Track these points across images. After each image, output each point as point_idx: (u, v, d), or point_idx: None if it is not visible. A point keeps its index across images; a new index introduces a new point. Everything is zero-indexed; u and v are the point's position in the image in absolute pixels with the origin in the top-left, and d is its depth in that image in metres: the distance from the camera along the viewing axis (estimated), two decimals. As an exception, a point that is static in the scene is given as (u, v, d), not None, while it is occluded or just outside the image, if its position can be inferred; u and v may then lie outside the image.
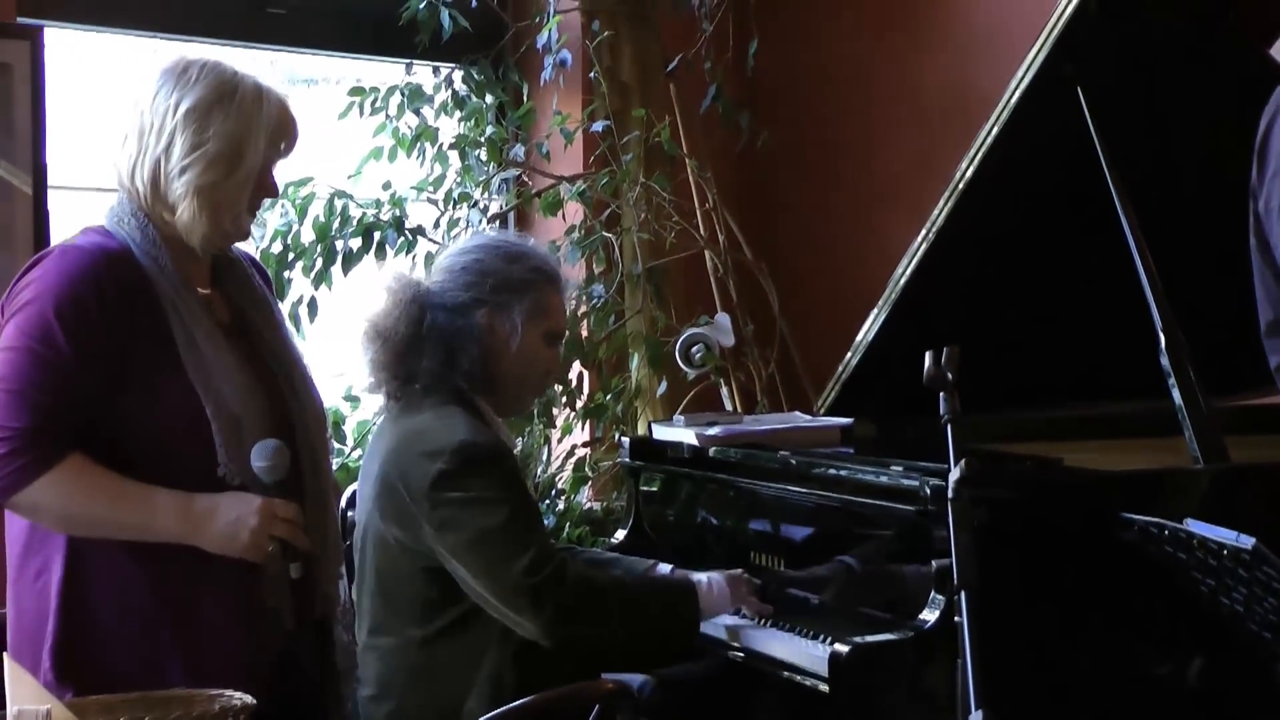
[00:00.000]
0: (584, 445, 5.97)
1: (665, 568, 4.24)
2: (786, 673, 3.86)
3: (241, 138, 3.45)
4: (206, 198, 3.44)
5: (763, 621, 3.99)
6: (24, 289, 3.39)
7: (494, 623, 3.71)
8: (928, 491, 3.72)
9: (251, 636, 3.41)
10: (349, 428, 5.66)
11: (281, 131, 3.51)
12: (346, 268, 5.52)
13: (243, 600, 3.41)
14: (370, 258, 5.54)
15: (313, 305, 5.42)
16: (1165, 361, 3.86)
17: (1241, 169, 3.59)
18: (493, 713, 2.96)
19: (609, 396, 5.85)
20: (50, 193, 4.80)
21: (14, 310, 3.38)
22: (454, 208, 5.84)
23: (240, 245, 3.66)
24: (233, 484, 3.39)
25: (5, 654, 3.01)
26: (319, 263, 5.47)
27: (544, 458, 5.90)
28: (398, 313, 3.90)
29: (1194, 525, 3.22)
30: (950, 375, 3.17)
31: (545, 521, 4.83)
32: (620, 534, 4.87)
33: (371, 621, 3.85)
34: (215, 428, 3.37)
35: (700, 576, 3.95)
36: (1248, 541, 3.04)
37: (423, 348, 3.89)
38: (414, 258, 5.64)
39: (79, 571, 3.37)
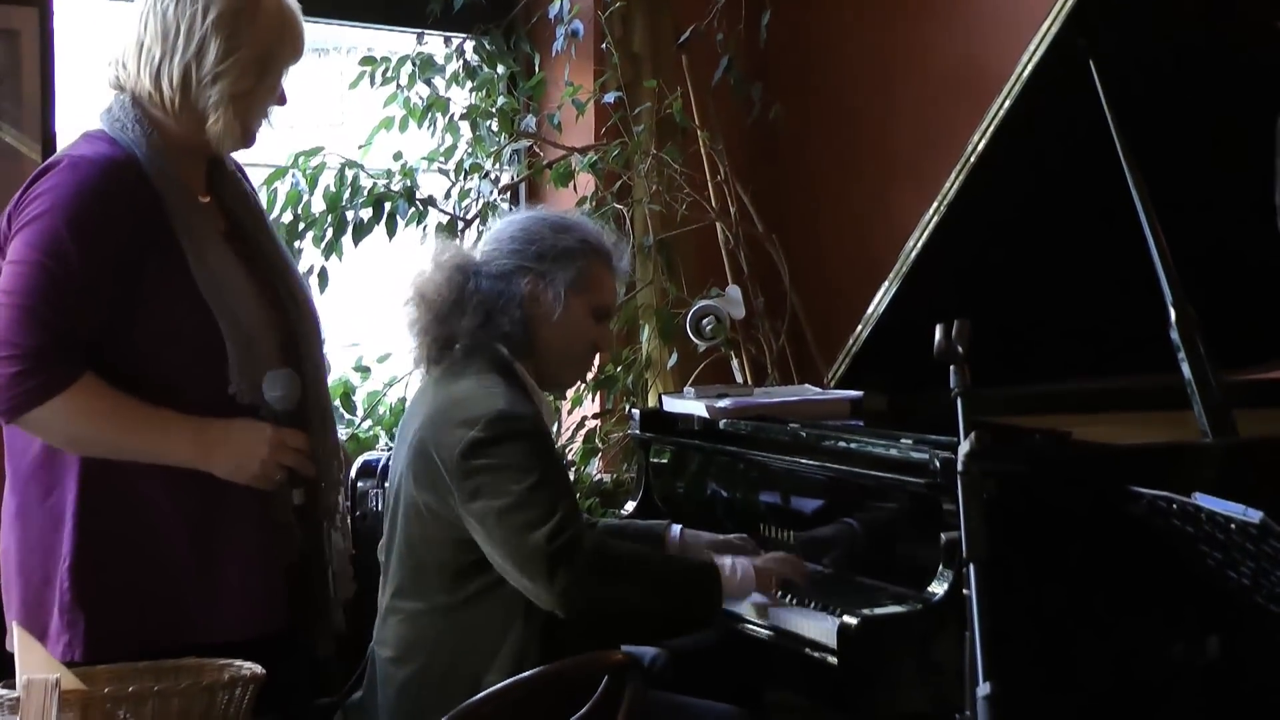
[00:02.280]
0: (594, 417, 5.97)
1: (676, 529, 4.25)
2: (796, 644, 3.87)
3: (270, 43, 3.49)
4: (241, 104, 3.46)
5: (775, 594, 4.00)
6: (33, 201, 3.37)
7: (520, 595, 3.71)
8: (937, 464, 3.73)
9: (265, 551, 3.43)
10: (359, 398, 5.66)
11: (298, 38, 3.55)
12: (357, 238, 5.52)
13: (258, 516, 3.44)
14: (381, 228, 5.54)
15: (323, 275, 5.42)
16: (1175, 335, 3.86)
17: (1258, 144, 3.59)
18: (502, 683, 2.96)
19: (619, 368, 5.85)
20: (60, 161, 4.80)
21: (23, 223, 3.36)
22: (465, 178, 5.84)
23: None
24: (243, 403, 3.41)
25: (14, 623, 3.03)
26: (329, 233, 5.47)
27: (554, 429, 5.91)
28: (441, 278, 3.91)
29: (1202, 499, 3.23)
30: (960, 348, 3.17)
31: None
32: (630, 505, 4.88)
33: (398, 584, 3.86)
34: (229, 346, 3.38)
35: (725, 560, 3.94)
36: (1255, 515, 3.04)
37: (464, 310, 3.89)
38: (424, 228, 5.64)
39: (95, 488, 3.38)
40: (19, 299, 3.31)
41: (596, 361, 4.50)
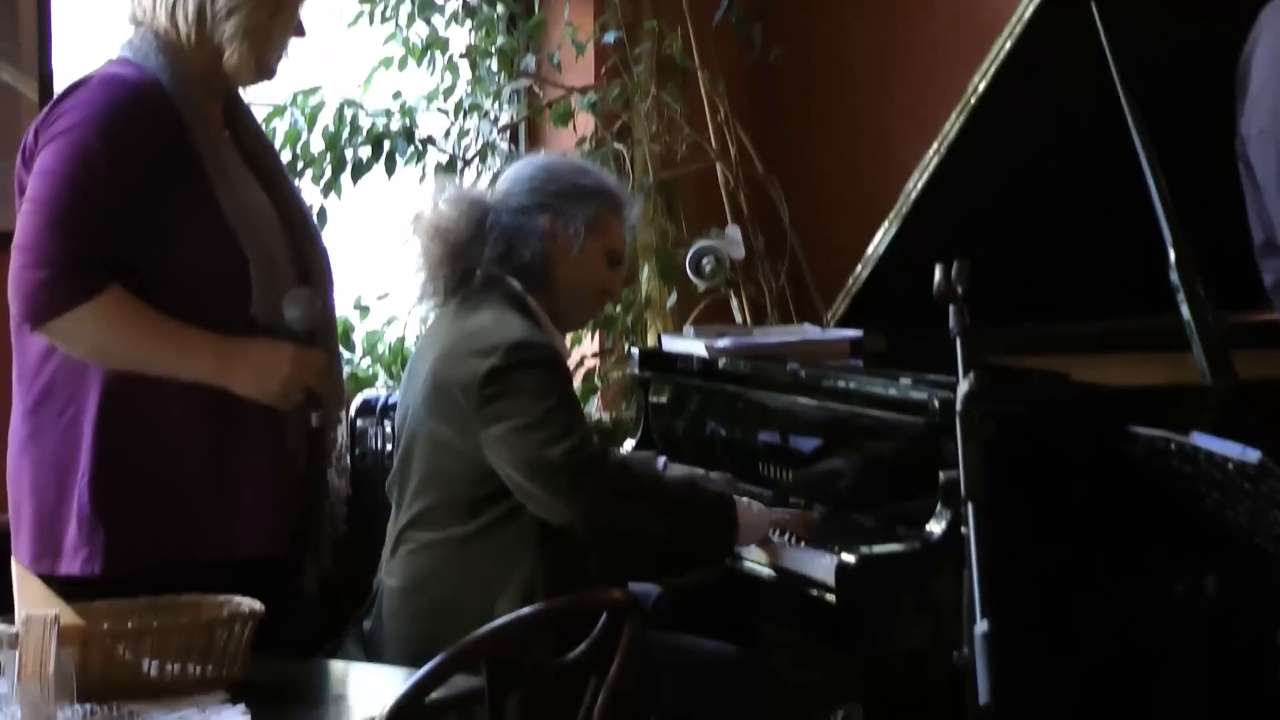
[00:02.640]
0: (594, 356, 5.98)
1: (662, 460, 4.27)
2: (795, 582, 3.88)
3: None
4: (256, 38, 3.48)
5: (775, 533, 4.00)
6: (63, 115, 3.40)
7: (533, 528, 3.73)
8: (936, 404, 3.73)
9: (279, 475, 3.46)
10: (358, 337, 5.66)
11: None
12: (356, 177, 5.51)
13: (273, 441, 3.47)
14: (379, 168, 5.53)
15: (322, 214, 5.41)
16: (1175, 277, 3.86)
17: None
18: (501, 619, 2.97)
19: (619, 308, 5.85)
20: (57, 99, 4.78)
21: (52, 135, 3.40)
22: (464, 118, 5.82)
23: None
24: (263, 324, 3.43)
25: (13, 559, 3.04)
26: (328, 172, 5.46)
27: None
28: (457, 213, 3.92)
29: (1200, 439, 3.23)
30: (960, 289, 3.16)
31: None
32: (629, 444, 4.89)
33: (411, 515, 3.87)
34: (253, 265, 3.41)
35: (742, 500, 3.95)
36: (1254, 455, 3.05)
37: (484, 241, 3.90)
38: (423, 168, 5.63)
39: (115, 405, 3.41)
40: (48, 208, 3.35)
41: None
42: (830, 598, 3.71)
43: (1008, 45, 4.34)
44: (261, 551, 3.47)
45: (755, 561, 4.01)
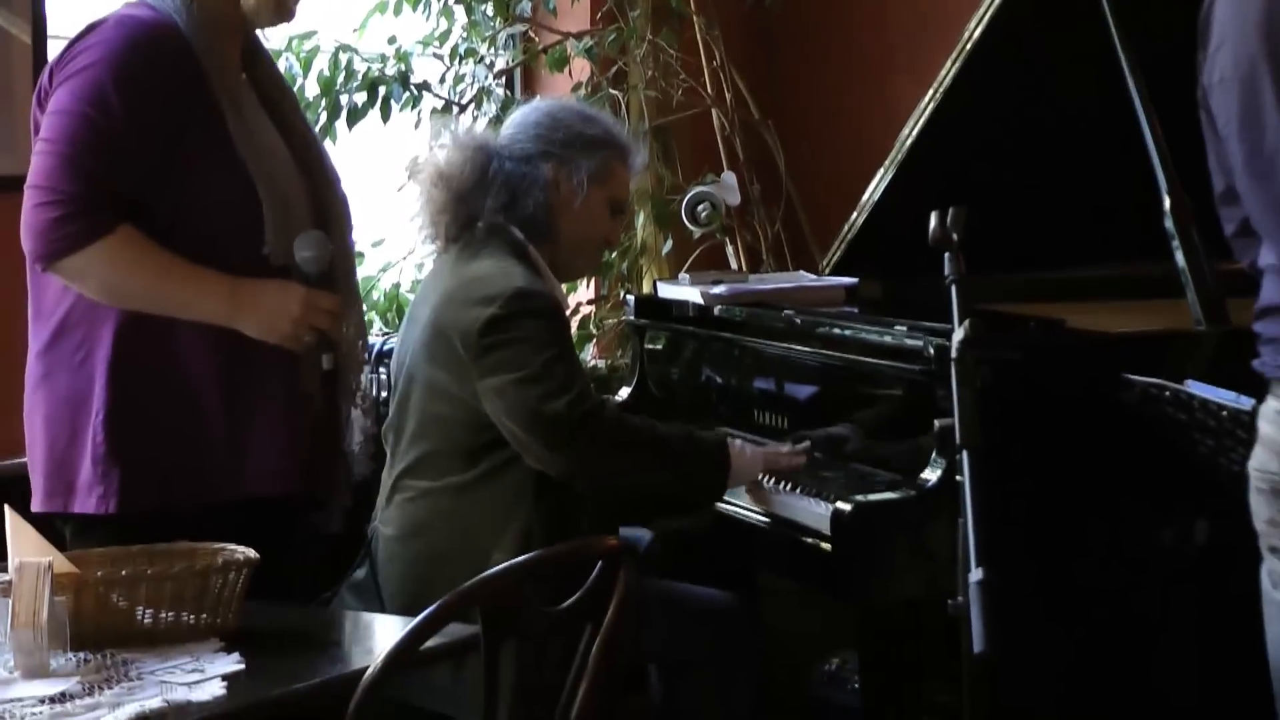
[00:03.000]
0: (589, 303, 5.97)
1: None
2: (790, 530, 3.88)
3: None
4: None
5: (766, 479, 4.01)
6: (79, 54, 3.41)
7: (530, 477, 3.73)
8: (931, 351, 3.73)
9: (293, 416, 3.47)
10: (354, 283, 5.64)
11: None
12: (351, 123, 5.50)
13: (287, 379, 3.48)
14: (375, 113, 5.51)
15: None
16: (1169, 224, 3.86)
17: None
18: (496, 567, 2.97)
19: (614, 254, 5.84)
20: (50, 43, 4.74)
21: (68, 74, 3.41)
22: (460, 63, 5.80)
23: None
24: (276, 264, 3.45)
25: (5, 506, 3.05)
26: (323, 117, 5.45)
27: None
28: (463, 159, 3.91)
29: (1195, 386, 3.24)
30: (955, 236, 3.16)
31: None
32: (625, 392, 4.89)
33: (408, 463, 3.87)
34: (266, 206, 3.43)
35: (736, 441, 3.95)
36: (1247, 403, 3.05)
37: (487, 190, 3.89)
38: (419, 113, 5.62)
39: (130, 343, 3.42)
40: (62, 147, 3.36)
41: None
42: (825, 546, 3.72)
43: (1004, -10, 4.33)
44: (274, 491, 3.49)
45: (750, 510, 4.02)
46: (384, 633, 3.06)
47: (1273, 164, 2.80)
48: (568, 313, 5.76)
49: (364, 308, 3.82)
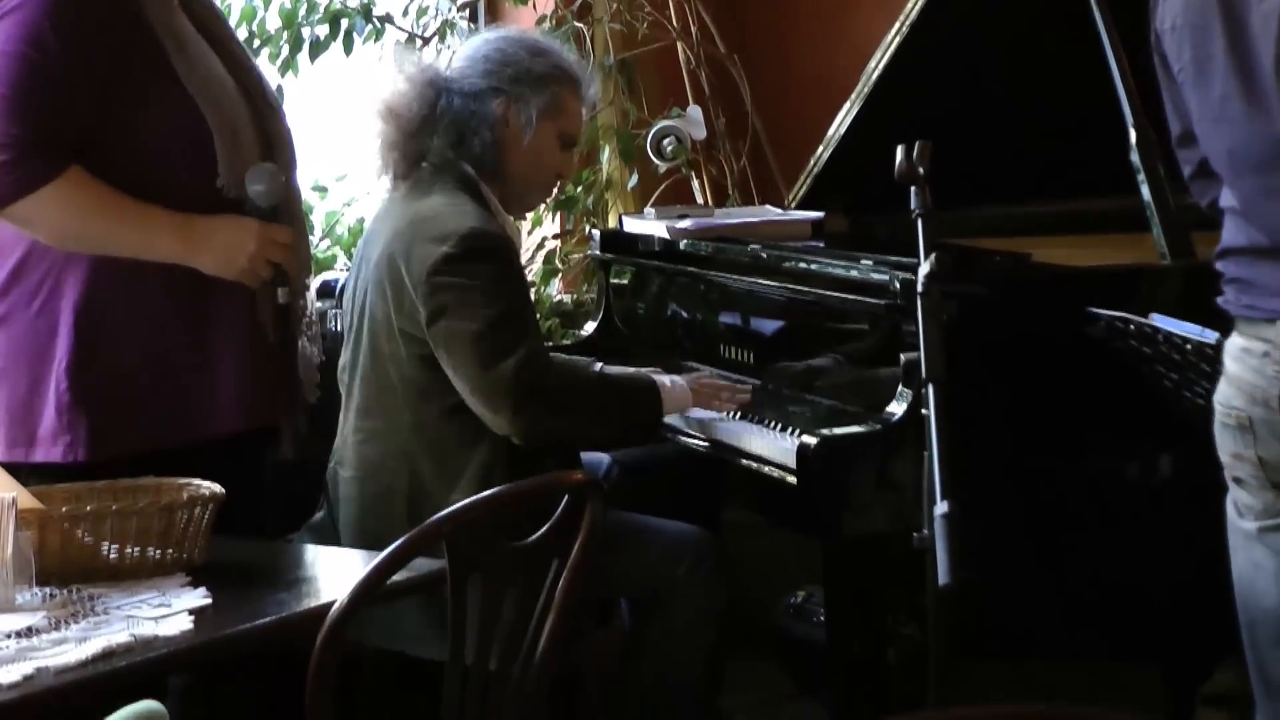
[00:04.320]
0: (554, 237, 5.96)
1: (599, 365, 4.26)
2: (754, 464, 3.88)
3: None
4: None
5: (731, 413, 4.01)
6: None
7: None
8: (897, 285, 3.73)
9: (251, 350, 3.47)
10: (317, 218, 5.63)
11: None
12: (314, 55, 5.46)
13: (247, 315, 3.48)
14: (338, 46, 5.48)
15: (279, 93, 5.37)
16: (1135, 158, 3.86)
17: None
18: (461, 502, 2.98)
19: (579, 189, 5.83)
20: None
21: (2, 13, 3.34)
22: (423, -5, 5.78)
23: None
24: (229, 197, 3.42)
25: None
26: (285, 50, 5.41)
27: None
28: (413, 93, 3.88)
29: (1159, 320, 3.24)
30: (921, 170, 3.16)
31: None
32: (590, 326, 4.89)
33: (362, 402, 3.86)
34: (217, 139, 3.40)
35: (664, 378, 3.97)
36: (1211, 336, 3.06)
37: (435, 128, 3.87)
38: (382, 46, 5.59)
39: (92, 288, 3.40)
40: (2, 90, 3.30)
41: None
42: (791, 480, 3.72)
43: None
44: (239, 427, 3.48)
45: (715, 442, 4.02)
46: (350, 568, 3.06)
47: (1223, 110, 2.81)
48: (532, 246, 5.79)
49: (310, 238, 3.80)
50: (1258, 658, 2.93)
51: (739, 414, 4.00)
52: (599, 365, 4.25)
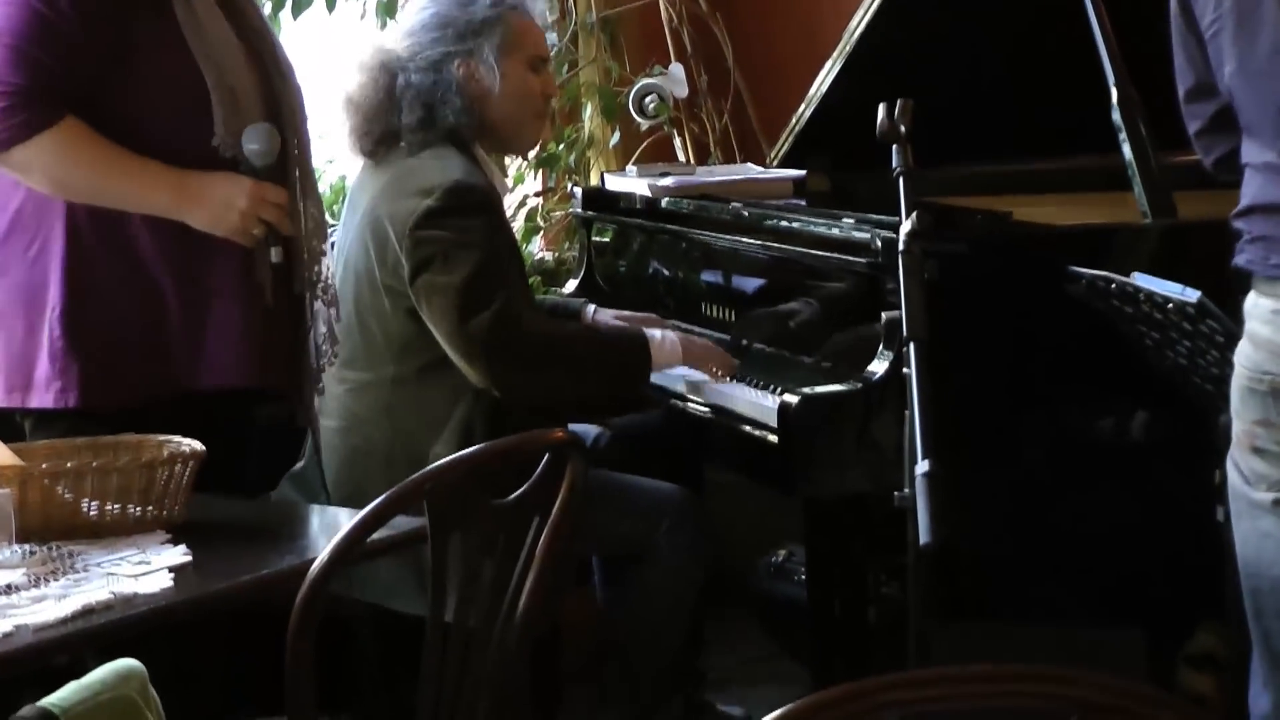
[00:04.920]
0: (536, 195, 5.95)
1: (591, 307, 4.26)
2: (736, 423, 3.89)
3: None
4: None
5: (715, 373, 4.01)
6: None
7: None
8: (879, 244, 3.73)
9: (246, 307, 3.46)
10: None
11: None
12: (296, 11, 5.44)
13: (239, 270, 3.46)
14: (320, 2, 5.47)
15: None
16: (1116, 116, 3.85)
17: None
18: (443, 459, 2.98)
19: (561, 146, 5.82)
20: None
21: None
22: (406, -48, 5.75)
23: None
24: (225, 156, 3.42)
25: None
26: (268, 6, 5.39)
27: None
28: (367, 79, 3.89)
29: (1141, 279, 3.24)
30: (903, 128, 3.15)
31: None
32: (572, 284, 4.89)
33: (346, 355, 3.85)
34: (215, 98, 3.40)
35: (654, 332, 3.97)
36: (1193, 295, 3.05)
37: (399, 108, 3.86)
38: (365, 3, 5.57)
39: (84, 237, 3.40)
40: (6, 39, 3.33)
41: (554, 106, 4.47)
42: (772, 439, 3.73)
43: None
44: (231, 383, 3.47)
45: (697, 402, 4.02)
46: (331, 525, 3.05)
47: (1273, 63, 2.77)
48: (514, 203, 5.78)
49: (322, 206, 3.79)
50: (1263, 628, 2.90)
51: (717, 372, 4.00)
52: (591, 308, 4.26)
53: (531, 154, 5.71)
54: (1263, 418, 2.79)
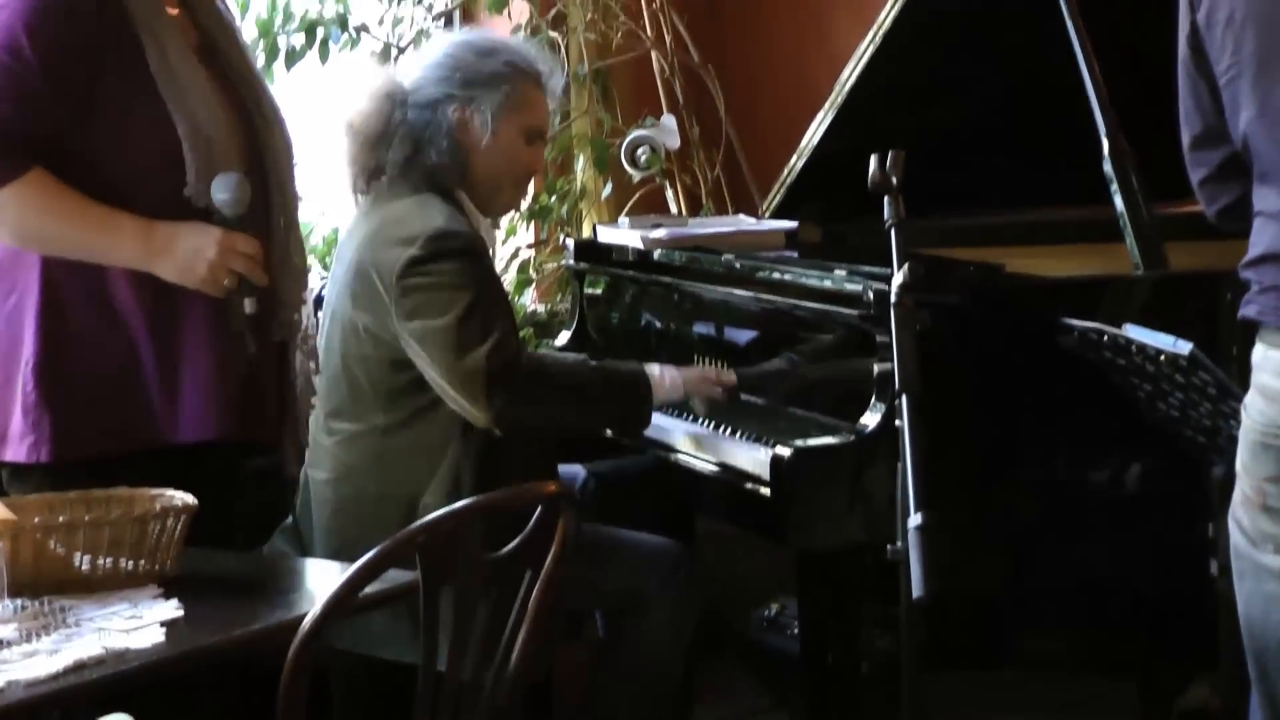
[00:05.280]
0: (529, 247, 5.95)
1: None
2: (729, 475, 3.88)
3: None
4: None
5: (705, 424, 4.01)
6: None
7: (456, 418, 3.73)
8: (871, 295, 3.73)
9: (225, 358, 3.45)
10: (292, 228, 5.61)
11: None
12: (289, 64, 5.46)
13: (214, 321, 3.45)
14: (314, 55, 5.48)
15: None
16: (1108, 168, 3.86)
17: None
18: (435, 513, 2.97)
19: (554, 198, 5.83)
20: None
21: None
22: (399, 4, 5.77)
23: None
24: (198, 206, 3.40)
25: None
26: (261, 59, 5.40)
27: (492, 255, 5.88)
28: (370, 108, 3.88)
29: (1133, 331, 3.24)
30: (895, 179, 3.16)
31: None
32: (564, 336, 4.89)
33: (333, 406, 3.86)
34: (187, 148, 3.38)
35: (654, 368, 3.96)
36: (1185, 347, 3.05)
37: (390, 141, 3.87)
38: (358, 55, 5.58)
39: (58, 288, 3.39)
40: None
41: (531, 186, 4.48)
42: (765, 491, 3.72)
43: (944, -66, 4.32)
44: (208, 435, 3.46)
45: (690, 454, 4.02)
46: (323, 579, 3.05)
47: None
48: (506, 256, 5.78)
49: (303, 245, 3.78)
50: (1268, 690, 2.85)
51: (714, 425, 4.00)
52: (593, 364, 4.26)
53: (524, 205, 5.73)
54: (1274, 474, 2.72)
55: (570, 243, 5.01)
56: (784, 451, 3.68)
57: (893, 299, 3.08)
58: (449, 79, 3.90)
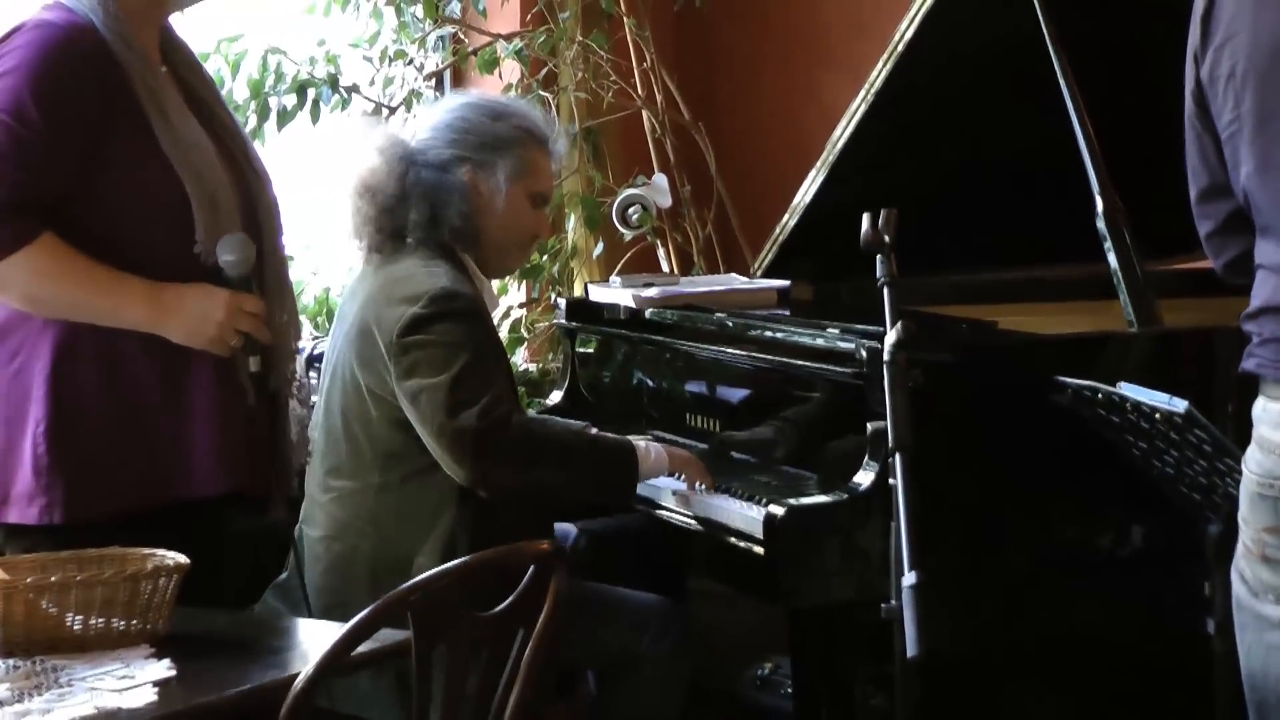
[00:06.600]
0: (520, 306, 5.96)
1: (593, 431, 4.25)
2: (721, 534, 3.87)
3: None
4: None
5: (699, 484, 4.00)
6: None
7: (453, 480, 3.72)
8: (864, 354, 3.73)
9: (229, 415, 3.47)
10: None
11: None
12: (280, 125, 5.48)
13: (222, 377, 3.47)
14: (305, 116, 5.49)
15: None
16: (1101, 225, 3.87)
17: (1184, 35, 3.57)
18: (427, 573, 2.96)
19: (545, 257, 5.83)
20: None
21: None
22: (389, 65, 5.79)
23: None
24: (208, 263, 3.42)
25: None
26: (252, 120, 5.42)
27: (496, 316, 5.89)
28: (385, 169, 3.89)
29: (1127, 389, 3.23)
30: (887, 237, 3.17)
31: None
32: (556, 395, 4.88)
33: (332, 464, 3.85)
34: (195, 204, 3.40)
35: (640, 442, 3.96)
36: (1180, 405, 3.05)
37: (409, 203, 3.87)
38: (349, 116, 5.60)
39: (69, 349, 3.40)
40: None
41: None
42: (758, 550, 3.71)
43: (935, -8, 4.33)
44: (217, 490, 3.47)
45: (682, 513, 4.01)
46: (315, 638, 3.04)
47: None
48: (498, 315, 5.78)
49: (294, 297, 3.79)
50: None
51: (702, 484, 3.99)
52: (594, 430, 4.25)
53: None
54: (1273, 524, 2.71)
55: (562, 301, 5.02)
56: (777, 510, 3.67)
57: (885, 357, 3.09)
58: (460, 141, 3.92)
